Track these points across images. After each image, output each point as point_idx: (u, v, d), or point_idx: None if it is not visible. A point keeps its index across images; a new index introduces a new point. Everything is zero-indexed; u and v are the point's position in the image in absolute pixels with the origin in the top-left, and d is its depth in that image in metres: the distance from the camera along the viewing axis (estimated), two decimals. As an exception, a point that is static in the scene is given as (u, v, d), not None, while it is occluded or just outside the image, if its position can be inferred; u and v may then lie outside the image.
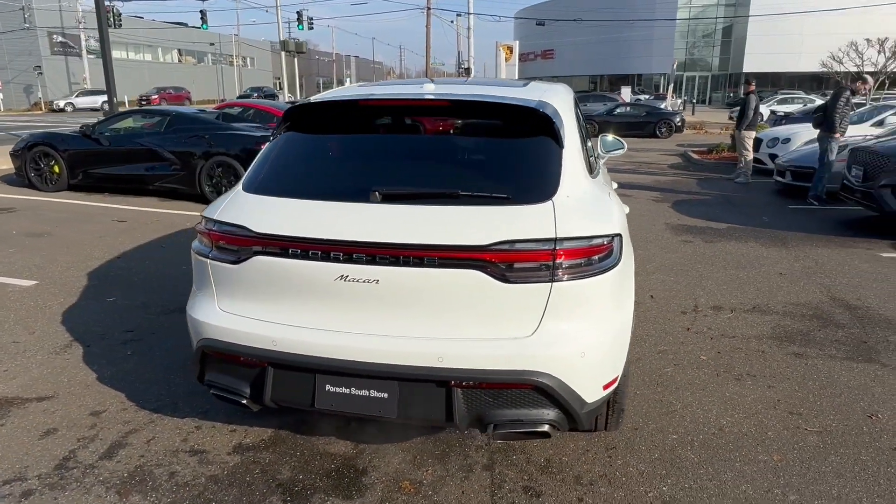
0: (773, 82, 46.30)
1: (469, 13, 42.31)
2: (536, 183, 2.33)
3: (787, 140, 10.95)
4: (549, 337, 2.16)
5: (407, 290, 2.16)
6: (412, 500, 2.45)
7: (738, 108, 11.16)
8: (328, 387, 2.25)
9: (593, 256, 2.20)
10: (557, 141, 2.46)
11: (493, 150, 2.53)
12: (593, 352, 2.23)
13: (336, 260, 2.18)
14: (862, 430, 2.96)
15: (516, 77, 34.82)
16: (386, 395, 2.21)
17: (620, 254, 2.31)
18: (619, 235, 2.33)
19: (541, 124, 2.47)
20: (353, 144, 2.67)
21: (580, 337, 2.20)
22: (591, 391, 2.25)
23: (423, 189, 2.30)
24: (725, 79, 50.11)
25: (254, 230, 2.29)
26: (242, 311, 2.36)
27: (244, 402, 2.40)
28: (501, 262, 2.11)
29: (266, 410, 2.50)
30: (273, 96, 40.97)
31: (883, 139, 7.70)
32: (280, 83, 61.00)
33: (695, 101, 43.43)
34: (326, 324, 2.24)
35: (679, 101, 37.88)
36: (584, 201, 2.34)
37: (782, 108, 22.88)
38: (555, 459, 2.72)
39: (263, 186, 2.50)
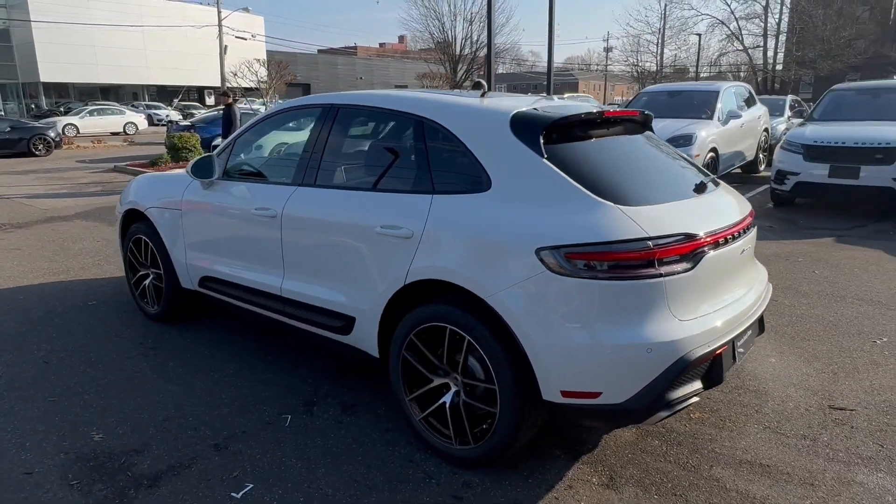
0: (69, 93, 45.23)
1: None
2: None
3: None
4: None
5: (747, 248, 2.86)
6: (712, 423, 3.07)
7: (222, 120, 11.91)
8: (738, 348, 2.67)
9: None
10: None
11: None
12: None
13: (735, 239, 2.66)
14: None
15: None
16: (750, 332, 2.84)
17: None
18: None
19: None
20: (626, 150, 2.91)
21: None
22: None
23: (711, 178, 2.96)
24: (18, 88, 44.83)
25: (700, 233, 2.42)
26: (701, 311, 2.46)
27: (695, 398, 2.46)
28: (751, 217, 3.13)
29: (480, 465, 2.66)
30: None
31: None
32: None
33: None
34: (734, 294, 2.68)
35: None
36: None
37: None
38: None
39: (633, 197, 2.50)
